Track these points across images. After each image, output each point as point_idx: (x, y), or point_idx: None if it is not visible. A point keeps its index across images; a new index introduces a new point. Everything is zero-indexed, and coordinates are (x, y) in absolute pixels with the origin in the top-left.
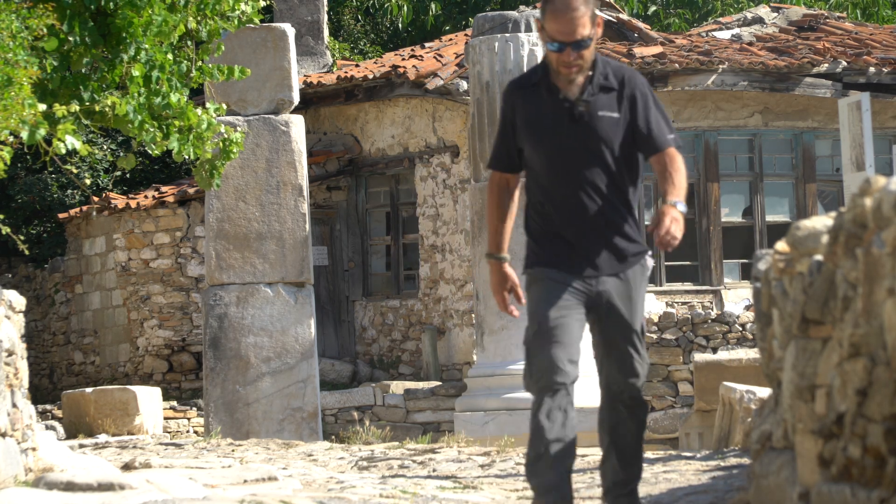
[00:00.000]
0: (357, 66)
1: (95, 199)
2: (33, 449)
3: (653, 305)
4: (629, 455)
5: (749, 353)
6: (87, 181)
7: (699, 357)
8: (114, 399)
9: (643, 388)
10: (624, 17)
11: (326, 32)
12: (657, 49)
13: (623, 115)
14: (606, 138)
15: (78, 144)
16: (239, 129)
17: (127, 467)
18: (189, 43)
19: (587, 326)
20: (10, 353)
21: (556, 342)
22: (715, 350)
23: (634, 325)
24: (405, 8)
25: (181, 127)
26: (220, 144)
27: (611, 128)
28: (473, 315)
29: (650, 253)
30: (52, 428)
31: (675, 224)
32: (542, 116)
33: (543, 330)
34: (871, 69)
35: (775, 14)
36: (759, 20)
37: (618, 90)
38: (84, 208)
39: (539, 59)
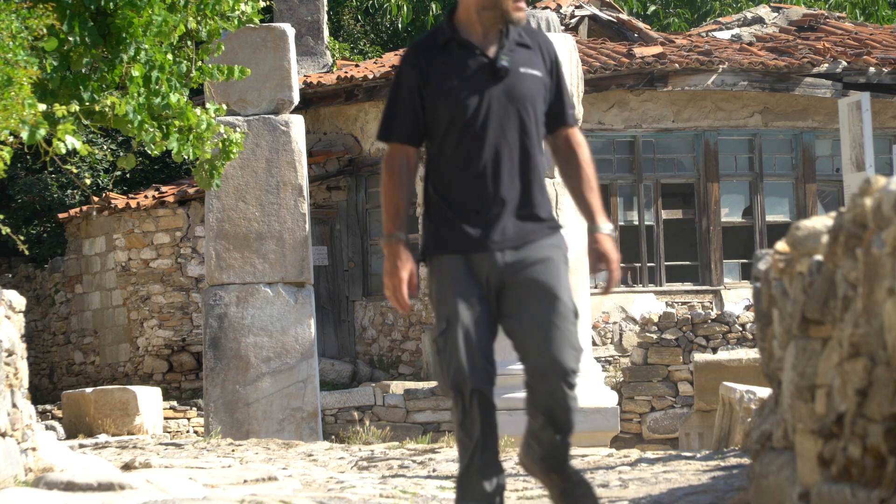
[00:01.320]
0: (357, 66)
1: (95, 199)
2: (33, 449)
3: (653, 305)
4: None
5: (749, 353)
6: (87, 181)
7: (699, 357)
8: (114, 399)
9: (576, 395)
10: (624, 17)
11: (326, 32)
12: (657, 49)
13: (544, 76)
14: (530, 96)
15: (78, 144)
16: (239, 129)
17: (127, 467)
18: (189, 43)
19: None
20: (10, 353)
21: (469, 340)
22: (715, 350)
23: (561, 295)
24: (405, 8)
25: (181, 127)
26: (220, 144)
27: (534, 86)
28: None
29: (564, 230)
30: (52, 428)
31: (617, 265)
32: (460, 76)
33: (453, 327)
34: (871, 69)
35: (775, 14)
36: (759, 20)
37: (535, 49)
38: (84, 208)
39: None
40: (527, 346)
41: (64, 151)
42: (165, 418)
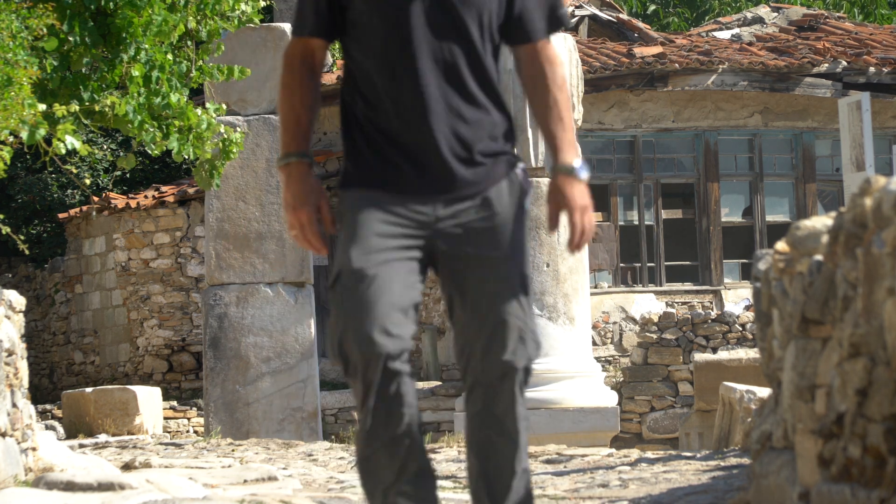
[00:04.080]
0: None
1: (95, 199)
2: (33, 449)
3: (653, 305)
4: (503, 491)
5: (749, 353)
6: (87, 181)
7: (699, 357)
8: (114, 399)
9: (527, 384)
10: (624, 16)
11: None
12: (657, 49)
13: None
14: (479, 3)
15: (78, 144)
16: (239, 129)
17: (127, 467)
18: (189, 43)
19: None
20: (10, 353)
21: (373, 301)
22: (715, 350)
23: (511, 273)
24: None
25: (181, 127)
26: (220, 144)
27: None
28: None
29: (523, 166)
30: (52, 428)
31: (587, 216)
32: None
33: (354, 282)
34: (871, 69)
35: (775, 14)
36: (759, 20)
37: None
38: (84, 208)
39: None
40: (464, 347)
41: (64, 151)
42: (165, 418)
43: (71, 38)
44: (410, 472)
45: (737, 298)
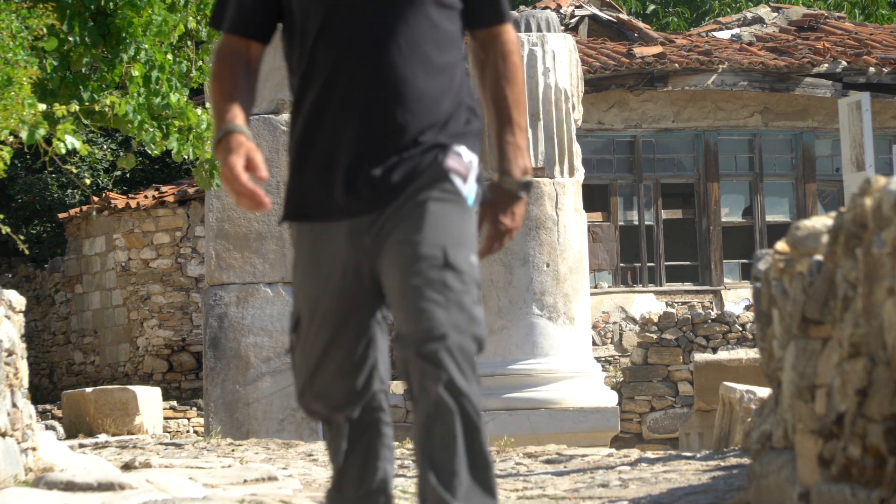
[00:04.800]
0: None
1: (95, 199)
2: (33, 449)
3: (653, 305)
4: (451, 469)
5: (749, 353)
6: (87, 181)
7: (699, 357)
8: (114, 399)
9: (473, 361)
10: (624, 16)
11: None
12: (657, 49)
13: None
14: None
15: (78, 144)
16: None
17: (127, 467)
18: (189, 43)
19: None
20: (10, 353)
21: (327, 346)
22: (715, 350)
23: (438, 244)
24: None
25: (181, 127)
26: None
27: None
28: None
29: (459, 150)
30: (52, 428)
31: (509, 236)
32: None
33: (306, 326)
34: (871, 69)
35: (775, 14)
36: (759, 20)
37: None
38: (84, 208)
39: (539, 59)
40: (397, 317)
41: (64, 151)
42: (165, 418)
43: (71, 38)
44: None
45: (737, 298)
